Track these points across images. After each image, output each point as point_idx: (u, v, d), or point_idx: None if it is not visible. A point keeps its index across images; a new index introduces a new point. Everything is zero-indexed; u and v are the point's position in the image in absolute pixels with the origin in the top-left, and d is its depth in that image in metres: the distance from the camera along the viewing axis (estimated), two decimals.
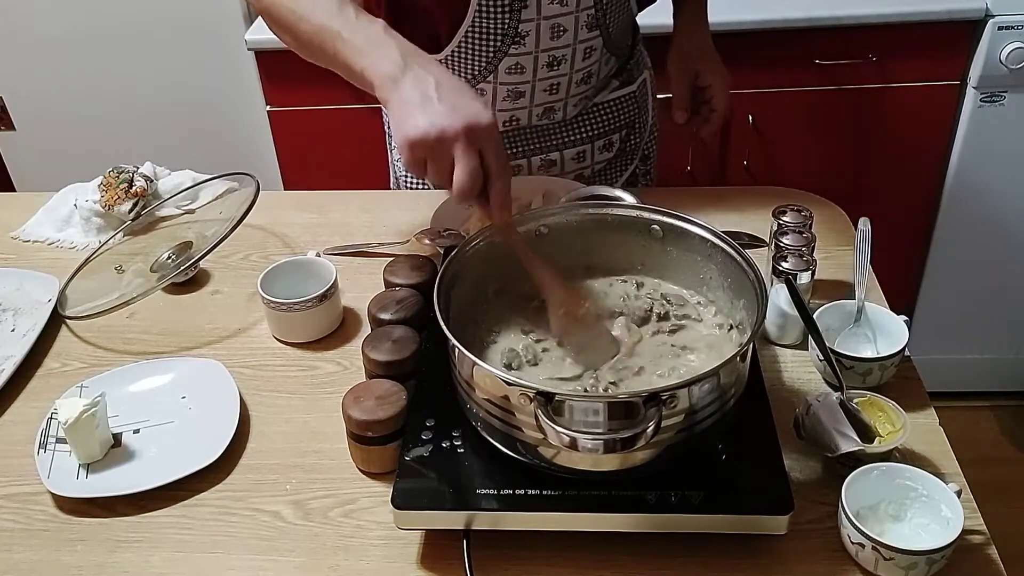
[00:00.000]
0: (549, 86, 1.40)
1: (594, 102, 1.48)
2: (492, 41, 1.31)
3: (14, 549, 0.99)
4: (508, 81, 1.37)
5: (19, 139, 2.39)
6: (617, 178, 1.55)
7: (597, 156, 1.52)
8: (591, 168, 1.53)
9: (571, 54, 1.36)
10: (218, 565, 0.96)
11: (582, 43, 1.36)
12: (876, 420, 1.01)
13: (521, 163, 1.49)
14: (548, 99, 1.42)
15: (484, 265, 1.05)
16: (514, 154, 1.48)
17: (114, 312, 1.25)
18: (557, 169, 1.50)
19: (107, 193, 1.47)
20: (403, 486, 0.92)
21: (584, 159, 1.51)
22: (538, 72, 1.37)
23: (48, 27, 2.22)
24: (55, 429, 1.08)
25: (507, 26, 1.29)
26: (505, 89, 1.39)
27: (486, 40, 1.31)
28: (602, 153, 1.52)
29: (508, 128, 1.46)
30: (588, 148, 1.50)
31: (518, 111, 1.43)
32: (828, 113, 2.15)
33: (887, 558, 0.86)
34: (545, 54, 1.35)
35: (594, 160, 1.53)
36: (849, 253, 1.24)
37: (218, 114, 2.31)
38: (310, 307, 1.20)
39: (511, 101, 1.41)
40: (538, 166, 1.49)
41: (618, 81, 1.49)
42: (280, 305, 1.20)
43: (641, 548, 0.92)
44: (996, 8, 1.97)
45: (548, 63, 1.36)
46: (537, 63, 1.36)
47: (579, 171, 1.52)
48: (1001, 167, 2.15)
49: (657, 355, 1.01)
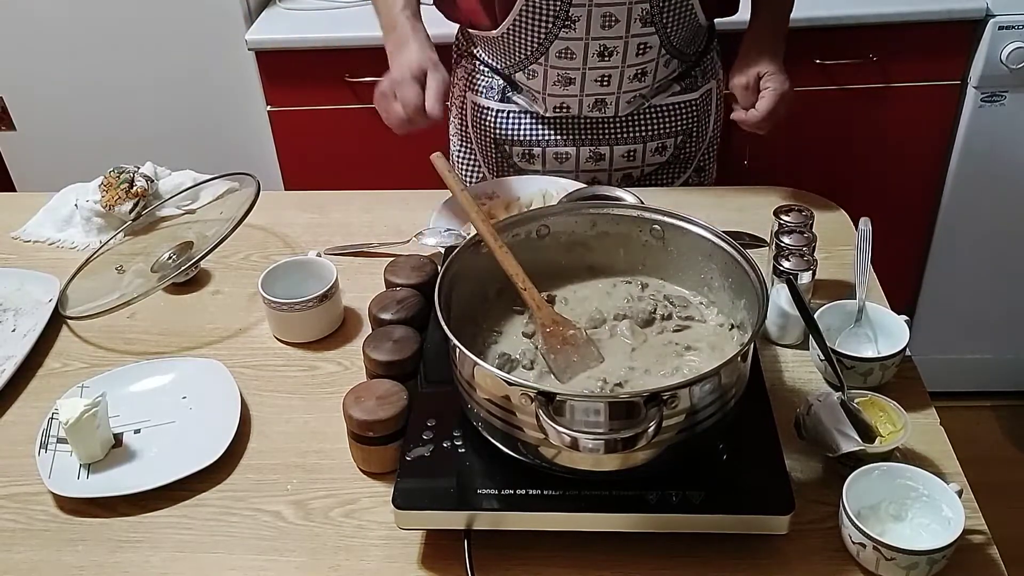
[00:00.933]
0: (600, 76, 1.40)
1: (651, 103, 1.48)
2: (544, 22, 1.35)
3: (15, 549, 0.99)
4: (558, 65, 1.39)
5: (20, 139, 2.39)
6: (669, 183, 1.55)
7: (648, 158, 1.52)
8: (641, 169, 1.53)
9: (623, 47, 1.37)
10: (219, 565, 0.96)
11: (635, 37, 1.36)
12: (877, 420, 1.01)
13: (569, 151, 1.50)
14: (599, 90, 1.42)
15: (485, 265, 1.05)
16: (563, 142, 1.49)
17: (115, 312, 1.25)
18: (605, 163, 1.50)
19: (108, 193, 1.47)
20: (404, 486, 0.92)
21: (634, 159, 1.51)
22: (589, 60, 1.38)
23: (49, 27, 2.22)
24: (56, 429, 1.08)
25: (558, 9, 1.32)
26: (556, 73, 1.40)
27: (537, 21, 1.35)
28: (654, 156, 1.51)
29: (559, 115, 1.47)
30: (639, 148, 1.50)
31: (568, 99, 1.44)
32: (829, 113, 2.14)
33: (888, 558, 0.86)
34: (596, 42, 1.35)
35: (645, 162, 1.52)
36: (850, 253, 1.24)
37: (219, 114, 2.31)
38: (311, 307, 1.20)
39: (561, 87, 1.42)
40: (586, 157, 1.50)
41: (680, 86, 1.48)
42: (281, 305, 1.20)
43: (642, 548, 0.92)
44: (996, 8, 1.97)
45: (599, 52, 1.36)
46: (588, 51, 1.37)
47: (628, 170, 1.52)
48: (1002, 167, 2.15)
49: (661, 355, 1.01)
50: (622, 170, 1.52)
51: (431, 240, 1.32)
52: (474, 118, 1.55)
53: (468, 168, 1.62)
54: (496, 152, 1.55)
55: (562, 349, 0.99)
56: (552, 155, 1.51)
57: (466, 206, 1.06)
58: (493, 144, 1.54)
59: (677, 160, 1.54)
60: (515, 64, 1.44)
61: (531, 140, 1.50)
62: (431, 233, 1.33)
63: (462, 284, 1.03)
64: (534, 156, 1.52)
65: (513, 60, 1.44)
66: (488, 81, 1.51)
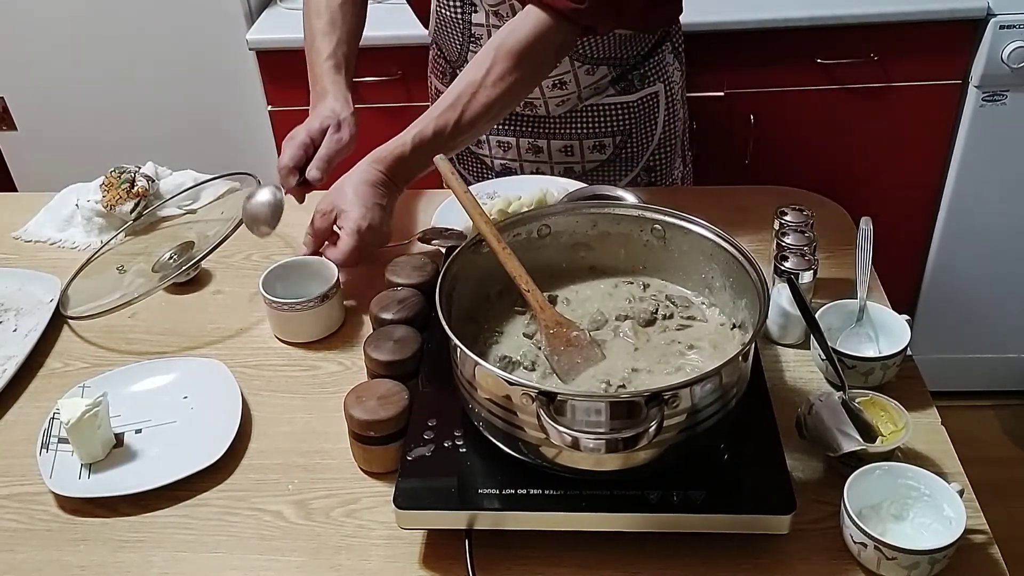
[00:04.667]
0: None
1: (584, 104, 1.48)
2: (455, 34, 1.39)
3: (17, 549, 0.99)
4: None
5: (21, 139, 2.39)
6: (614, 181, 1.55)
7: (588, 155, 1.53)
8: (582, 165, 1.54)
9: None
10: (220, 565, 0.96)
11: None
12: (878, 420, 1.01)
13: (510, 141, 1.53)
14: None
15: (487, 265, 1.05)
16: (505, 132, 1.52)
17: (116, 312, 1.25)
18: (544, 156, 1.53)
19: (109, 193, 1.47)
20: (405, 486, 0.92)
21: (572, 153, 1.52)
22: None
23: (49, 27, 2.22)
24: (57, 429, 1.09)
25: (462, 24, 1.36)
26: None
27: (451, 32, 1.40)
28: (593, 153, 1.52)
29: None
30: (576, 144, 1.52)
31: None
32: (830, 112, 2.14)
33: (889, 558, 0.86)
34: None
35: (584, 158, 1.53)
36: (851, 252, 1.24)
37: (220, 114, 2.31)
38: (312, 307, 1.20)
39: None
40: (526, 148, 1.53)
41: (615, 89, 1.48)
42: (282, 305, 1.20)
43: (643, 548, 0.92)
44: (998, 7, 1.97)
45: None
46: None
47: (568, 164, 1.54)
48: (1003, 166, 2.15)
49: (664, 355, 1.01)
50: (562, 163, 1.54)
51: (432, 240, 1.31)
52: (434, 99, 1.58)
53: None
54: None
55: (566, 351, 0.99)
56: (496, 143, 1.55)
57: (469, 209, 1.05)
58: None
59: (619, 159, 1.54)
60: (452, 61, 1.49)
61: None
62: (432, 233, 1.32)
63: (463, 284, 1.03)
64: (481, 141, 1.56)
65: (450, 57, 1.49)
66: (443, 67, 1.55)
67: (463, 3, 1.35)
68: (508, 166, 1.57)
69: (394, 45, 2.02)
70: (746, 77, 2.10)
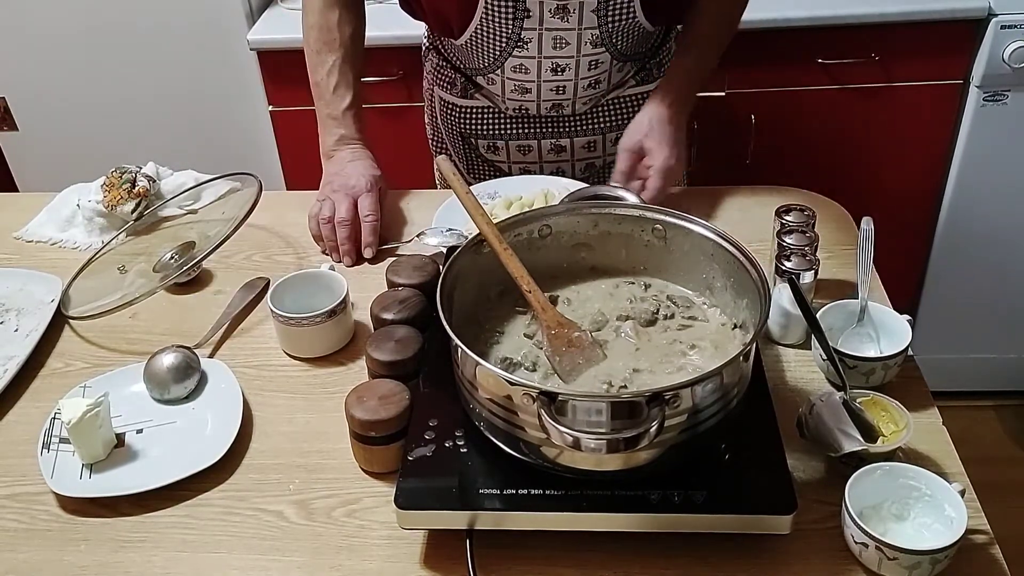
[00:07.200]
0: (555, 87, 1.42)
1: (607, 98, 1.50)
2: (498, 41, 1.36)
3: (18, 549, 0.99)
4: (514, 78, 1.41)
5: (22, 139, 2.39)
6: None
7: (609, 148, 1.53)
8: (603, 159, 1.55)
9: (575, 64, 1.39)
10: (221, 565, 0.96)
11: (587, 56, 1.38)
12: (879, 420, 1.01)
13: (532, 144, 1.53)
14: (555, 97, 1.44)
15: (488, 265, 1.05)
16: (525, 136, 1.52)
17: (117, 312, 1.25)
18: (567, 155, 1.53)
19: (110, 193, 1.47)
20: (406, 486, 0.92)
21: (595, 149, 1.53)
22: (542, 75, 1.40)
23: (50, 28, 2.22)
24: (58, 429, 1.09)
25: (511, 31, 1.34)
26: (512, 84, 1.42)
27: (492, 40, 1.36)
28: (614, 146, 1.51)
29: (518, 115, 1.50)
30: (599, 139, 1.53)
31: (526, 103, 1.47)
32: (831, 112, 2.14)
33: (891, 558, 0.86)
34: (548, 60, 1.38)
35: (606, 152, 1.54)
36: (852, 252, 1.24)
37: (221, 114, 2.31)
38: (319, 322, 1.18)
39: (519, 95, 1.44)
40: (548, 149, 1.53)
41: (635, 80, 1.50)
42: (288, 320, 1.18)
43: (644, 548, 0.92)
44: (999, 7, 1.97)
45: (552, 68, 1.39)
46: (541, 67, 1.39)
47: (590, 160, 1.54)
48: (1004, 166, 2.15)
49: (666, 355, 1.01)
50: (584, 160, 1.55)
51: (433, 240, 1.31)
52: (442, 111, 1.58)
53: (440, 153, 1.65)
54: (463, 143, 1.58)
55: (567, 351, 0.99)
56: (515, 147, 1.55)
57: (470, 210, 1.05)
58: (460, 136, 1.58)
59: None
60: (474, 70, 1.47)
61: (494, 134, 1.54)
62: (433, 233, 1.33)
63: (464, 284, 1.03)
64: (498, 148, 1.56)
65: (473, 67, 1.46)
66: (452, 77, 1.54)
67: (515, 11, 1.32)
68: (528, 169, 1.56)
69: (394, 45, 2.01)
70: (747, 77, 2.09)
